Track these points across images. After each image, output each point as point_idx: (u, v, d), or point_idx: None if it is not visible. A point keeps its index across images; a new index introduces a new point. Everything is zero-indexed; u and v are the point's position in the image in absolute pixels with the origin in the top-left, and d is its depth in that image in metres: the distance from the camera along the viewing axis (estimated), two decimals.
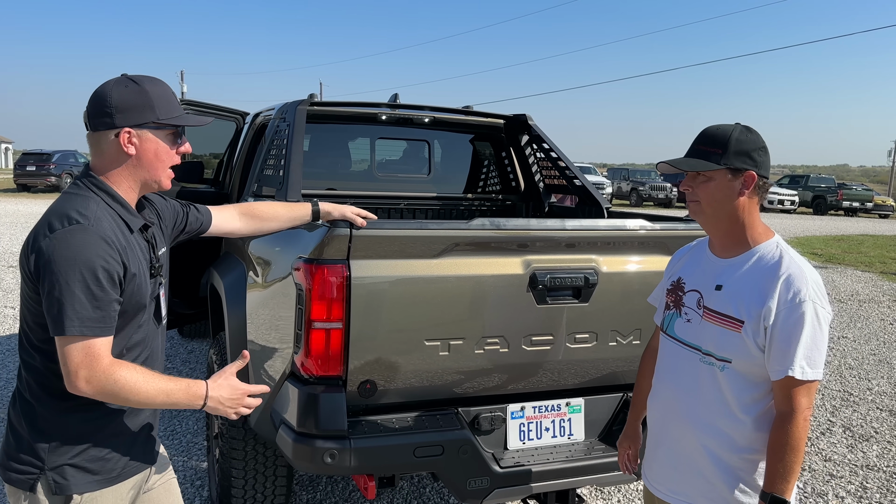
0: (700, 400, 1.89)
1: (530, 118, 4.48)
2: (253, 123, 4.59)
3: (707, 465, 1.88)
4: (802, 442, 1.73)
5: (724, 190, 1.82)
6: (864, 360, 6.88)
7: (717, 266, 1.91)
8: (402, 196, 4.58)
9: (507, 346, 2.63)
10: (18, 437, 1.72)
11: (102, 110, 1.70)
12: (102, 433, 1.75)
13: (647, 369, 2.26)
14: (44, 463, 1.69)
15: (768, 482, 1.75)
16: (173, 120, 1.76)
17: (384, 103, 4.29)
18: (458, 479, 2.54)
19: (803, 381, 1.72)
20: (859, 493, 4.03)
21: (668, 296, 2.07)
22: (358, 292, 2.39)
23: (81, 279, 1.57)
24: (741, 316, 1.79)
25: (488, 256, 2.56)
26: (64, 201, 1.69)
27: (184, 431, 4.55)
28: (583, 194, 4.25)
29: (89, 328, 1.59)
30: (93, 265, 1.59)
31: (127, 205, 1.77)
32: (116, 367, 1.62)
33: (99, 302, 1.60)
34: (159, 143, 1.75)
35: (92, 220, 1.64)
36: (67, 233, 1.60)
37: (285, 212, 2.37)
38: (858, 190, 32.34)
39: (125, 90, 1.70)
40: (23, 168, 28.10)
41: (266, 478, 3.09)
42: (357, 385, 2.49)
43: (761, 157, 1.84)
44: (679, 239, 2.81)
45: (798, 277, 1.75)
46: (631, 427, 2.33)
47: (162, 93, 1.75)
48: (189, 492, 3.71)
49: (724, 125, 1.88)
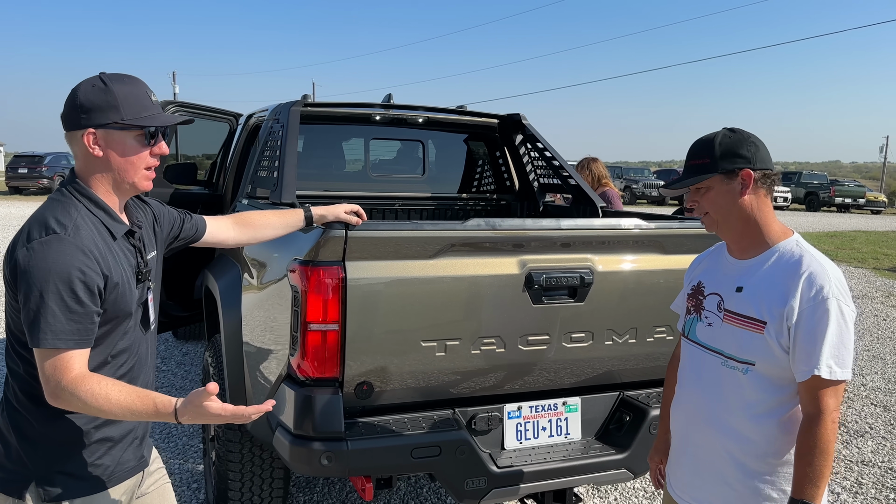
0: (723, 404, 1.84)
1: (524, 117, 4.48)
2: (246, 125, 4.58)
3: (731, 472, 1.83)
4: (832, 445, 1.66)
5: (725, 195, 1.80)
6: (857, 356, 6.91)
7: (736, 268, 1.88)
8: (396, 196, 4.58)
9: (503, 346, 2.63)
10: (7, 443, 1.71)
11: (71, 110, 1.67)
12: (90, 438, 1.73)
13: (672, 379, 2.19)
14: (32, 471, 1.68)
15: (797, 487, 1.68)
16: (139, 120, 1.69)
17: (378, 104, 4.28)
18: (455, 479, 2.54)
19: (831, 382, 1.66)
20: (854, 488, 4.05)
21: (688, 300, 2.03)
22: (353, 294, 2.39)
23: (56, 291, 1.55)
24: (763, 317, 1.75)
25: (484, 257, 2.56)
26: (45, 208, 1.66)
27: (179, 434, 4.54)
28: (577, 193, 4.25)
29: (63, 341, 1.56)
30: (69, 277, 1.56)
31: (110, 210, 1.73)
32: (81, 381, 1.56)
33: (74, 314, 1.57)
34: (126, 145, 1.69)
35: (70, 230, 1.60)
36: (44, 243, 1.57)
37: (278, 219, 2.34)
38: (851, 186, 32.51)
39: (91, 90, 1.67)
40: (14, 170, 27.97)
41: (263, 480, 3.08)
42: (353, 386, 2.49)
43: (751, 151, 1.80)
44: (674, 237, 2.82)
45: (820, 274, 1.70)
46: (661, 440, 2.25)
47: (130, 92, 1.69)
48: (185, 495, 3.70)
49: (707, 134, 1.87)
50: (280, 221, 2.34)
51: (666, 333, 2.88)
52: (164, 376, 5.69)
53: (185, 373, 5.82)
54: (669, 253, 2.82)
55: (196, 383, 5.48)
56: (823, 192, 31.32)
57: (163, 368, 5.89)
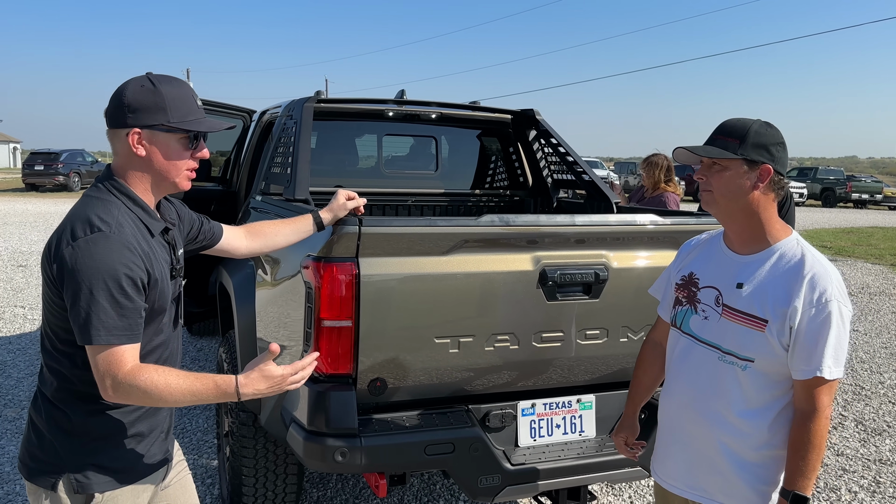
0: (718, 398, 1.87)
1: (538, 113, 4.46)
2: (260, 121, 4.59)
3: (724, 463, 1.87)
4: (824, 440, 1.74)
5: (737, 181, 1.80)
6: (875, 353, 6.84)
7: (735, 263, 1.88)
8: (409, 193, 4.57)
9: (517, 343, 2.61)
10: (41, 436, 1.73)
11: (116, 108, 1.69)
12: (124, 434, 1.77)
13: (646, 362, 2.24)
14: (65, 463, 1.71)
15: (789, 479, 1.75)
16: (185, 124, 1.72)
17: (391, 100, 4.27)
18: (469, 476, 2.53)
19: (827, 381, 1.73)
20: (872, 487, 4.00)
21: (679, 290, 2.04)
22: (367, 290, 2.38)
23: (106, 288, 1.57)
24: (765, 315, 1.77)
25: (498, 253, 2.55)
26: (86, 206, 1.67)
27: (194, 429, 4.57)
28: (592, 189, 4.22)
29: (116, 336, 1.59)
30: (116, 274, 1.58)
31: (147, 208, 1.75)
32: (138, 372, 1.60)
33: (124, 310, 1.60)
34: (170, 147, 1.72)
35: (114, 227, 1.62)
36: (90, 241, 1.59)
37: (288, 227, 2.34)
38: (868, 182, 32.13)
39: (140, 90, 1.68)
40: (31, 167, 28.23)
41: (277, 476, 3.09)
42: (367, 383, 2.48)
43: (779, 152, 1.82)
44: (690, 234, 2.78)
45: (822, 277, 1.75)
46: (628, 418, 2.29)
47: (178, 95, 1.72)
48: (200, 490, 3.71)
49: (745, 118, 1.86)
50: (291, 229, 2.34)
51: None
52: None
53: (199, 368, 5.85)
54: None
55: None
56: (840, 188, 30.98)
57: None
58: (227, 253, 2.23)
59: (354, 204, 2.41)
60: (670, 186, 5.41)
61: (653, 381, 2.23)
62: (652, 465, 2.14)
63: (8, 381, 5.44)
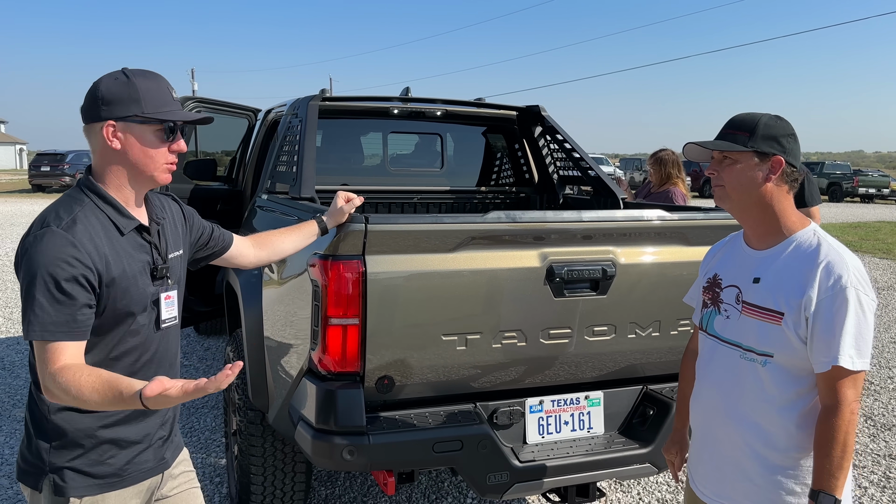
0: (742, 398, 1.82)
1: (543, 109, 4.45)
2: (265, 120, 4.59)
3: (751, 466, 1.81)
4: (851, 436, 1.65)
5: (749, 174, 1.78)
6: (884, 348, 6.80)
7: (753, 258, 1.86)
8: (415, 190, 4.56)
9: (524, 339, 2.61)
10: (29, 436, 1.74)
11: (90, 102, 1.67)
12: (100, 437, 1.73)
13: (688, 373, 2.18)
14: (45, 464, 1.70)
15: (816, 479, 1.68)
16: (160, 114, 1.68)
17: (396, 97, 4.27)
18: (477, 473, 2.53)
19: (850, 372, 1.65)
20: (882, 482, 3.98)
21: (704, 293, 2.00)
22: (374, 288, 2.38)
23: (42, 283, 1.55)
24: (781, 308, 1.73)
25: (504, 250, 2.54)
26: (54, 204, 1.68)
27: (202, 428, 4.57)
28: (598, 185, 4.21)
29: (50, 332, 1.55)
30: (54, 269, 1.55)
31: (119, 205, 1.71)
32: (61, 372, 1.53)
33: (61, 305, 1.56)
34: (145, 138, 1.68)
35: (64, 223, 1.60)
36: (37, 237, 1.59)
37: (293, 234, 2.34)
38: (874, 176, 31.96)
39: (114, 82, 1.67)
40: (37, 168, 28.33)
41: (285, 474, 3.09)
42: (374, 381, 2.48)
43: (790, 143, 1.79)
44: (698, 229, 2.78)
45: (838, 264, 1.69)
46: (678, 434, 2.24)
47: (152, 86, 1.69)
48: (208, 489, 3.72)
49: (754, 112, 1.85)
50: (296, 236, 2.35)
51: (690, 327, 2.84)
52: (186, 371, 5.74)
53: (206, 367, 5.86)
54: (693, 245, 2.78)
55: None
56: (846, 183, 30.82)
57: (185, 363, 5.94)
58: (236, 262, 2.22)
59: (352, 206, 2.41)
60: (678, 182, 5.39)
61: None
62: (688, 470, 2.09)
63: (17, 381, 5.46)
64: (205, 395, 1.55)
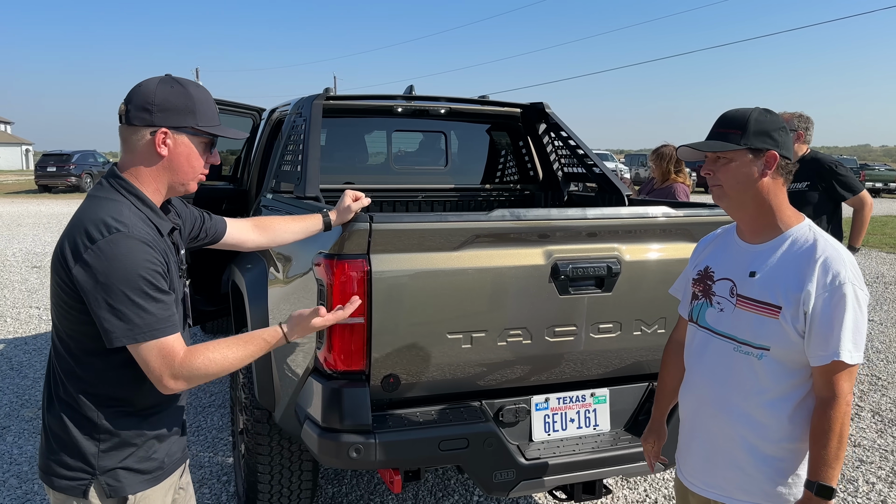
0: (736, 390, 1.85)
1: (547, 106, 4.44)
2: (269, 119, 4.60)
3: (744, 457, 1.85)
4: (846, 427, 1.70)
5: (745, 171, 1.79)
6: (891, 343, 6.77)
7: (748, 252, 1.87)
8: (419, 188, 4.56)
9: (529, 337, 2.61)
10: (63, 443, 1.71)
11: (144, 105, 1.67)
12: (147, 434, 1.77)
13: (670, 362, 2.22)
14: (95, 468, 1.70)
15: (813, 470, 1.72)
16: (211, 129, 1.75)
17: (400, 95, 4.26)
18: (483, 471, 2.53)
19: (848, 366, 1.70)
20: (890, 478, 3.97)
21: (695, 286, 2.02)
22: (379, 286, 2.38)
23: (139, 287, 1.59)
24: (778, 302, 1.75)
25: (509, 248, 2.54)
26: (96, 207, 1.65)
27: (209, 427, 4.59)
28: (603, 182, 4.20)
29: (160, 331, 1.62)
30: (143, 271, 1.60)
31: (155, 208, 1.75)
32: (192, 356, 1.66)
33: (158, 304, 1.62)
34: (192, 149, 1.74)
35: (130, 226, 1.62)
36: (110, 242, 1.58)
37: (297, 225, 2.35)
38: (881, 170, 31.81)
39: (170, 90, 1.69)
40: (43, 169, 28.43)
41: (292, 473, 3.10)
42: (380, 379, 2.48)
43: (782, 137, 1.81)
44: (703, 225, 2.77)
45: (836, 260, 1.72)
46: (656, 422, 2.29)
47: (205, 99, 1.75)
48: (216, 487, 3.74)
49: (743, 108, 1.85)
50: (299, 227, 2.35)
51: None
52: None
53: None
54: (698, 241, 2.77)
55: (224, 377, 5.53)
56: None
57: None
58: (234, 246, 2.24)
59: (359, 205, 2.40)
60: (680, 177, 5.38)
61: (678, 383, 2.16)
62: (677, 462, 2.12)
63: (24, 381, 5.49)
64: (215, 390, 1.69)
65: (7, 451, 4.21)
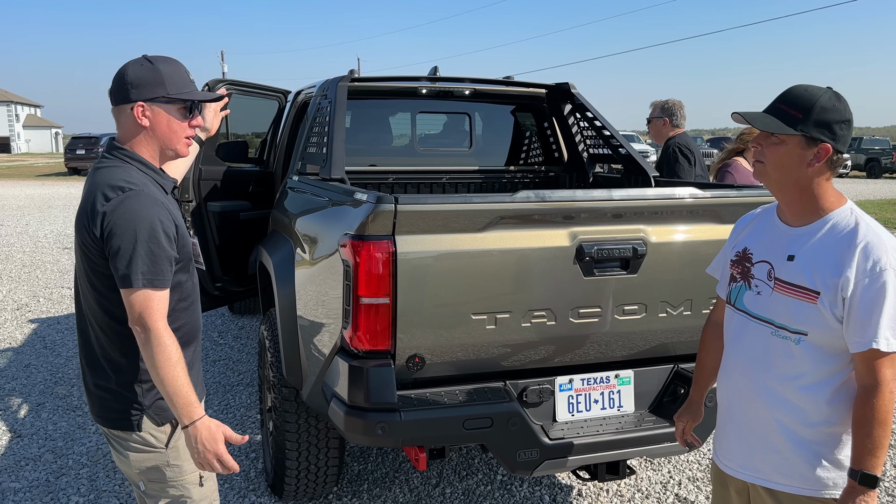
0: (773, 374, 1.82)
1: (573, 86, 4.40)
2: (295, 101, 4.62)
3: (781, 441, 1.82)
4: (890, 415, 1.66)
5: (793, 157, 1.73)
6: None
7: (787, 235, 1.83)
8: (443, 170, 4.57)
9: (554, 318, 2.61)
10: (113, 392, 1.96)
11: (121, 85, 1.90)
12: None
13: (708, 344, 2.18)
14: (143, 405, 1.96)
15: (856, 458, 1.68)
16: (182, 95, 1.93)
17: (424, 77, 4.26)
18: (507, 450, 2.56)
19: (888, 353, 1.65)
20: None
21: (733, 267, 1.98)
22: (404, 267, 2.40)
23: (144, 238, 1.78)
24: (816, 287, 1.71)
25: (533, 229, 2.54)
26: (108, 174, 1.87)
27: (237, 405, 4.68)
28: (629, 163, 4.17)
29: (149, 281, 1.79)
30: (151, 224, 1.80)
31: (157, 169, 1.97)
32: (167, 331, 1.82)
33: (156, 257, 1.81)
34: (170, 116, 1.94)
35: (141, 185, 1.85)
36: (125, 199, 1.80)
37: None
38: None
39: (140, 68, 1.90)
40: (73, 152, 28.91)
41: (319, 450, 3.16)
42: (405, 359, 2.51)
43: (843, 130, 1.72)
44: (731, 206, 2.75)
45: (877, 245, 1.67)
46: (694, 402, 2.26)
47: (173, 70, 1.93)
48: (244, 464, 3.82)
49: (814, 88, 1.75)
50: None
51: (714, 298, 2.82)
52: (220, 349, 5.86)
53: (241, 346, 5.98)
54: (726, 222, 2.74)
55: (252, 356, 5.63)
56: (885, 158, 29.97)
57: (220, 342, 6.06)
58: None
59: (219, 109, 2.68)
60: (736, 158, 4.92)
61: (717, 363, 2.12)
62: (714, 446, 2.09)
63: (58, 359, 5.63)
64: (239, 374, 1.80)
65: (42, 427, 4.33)
